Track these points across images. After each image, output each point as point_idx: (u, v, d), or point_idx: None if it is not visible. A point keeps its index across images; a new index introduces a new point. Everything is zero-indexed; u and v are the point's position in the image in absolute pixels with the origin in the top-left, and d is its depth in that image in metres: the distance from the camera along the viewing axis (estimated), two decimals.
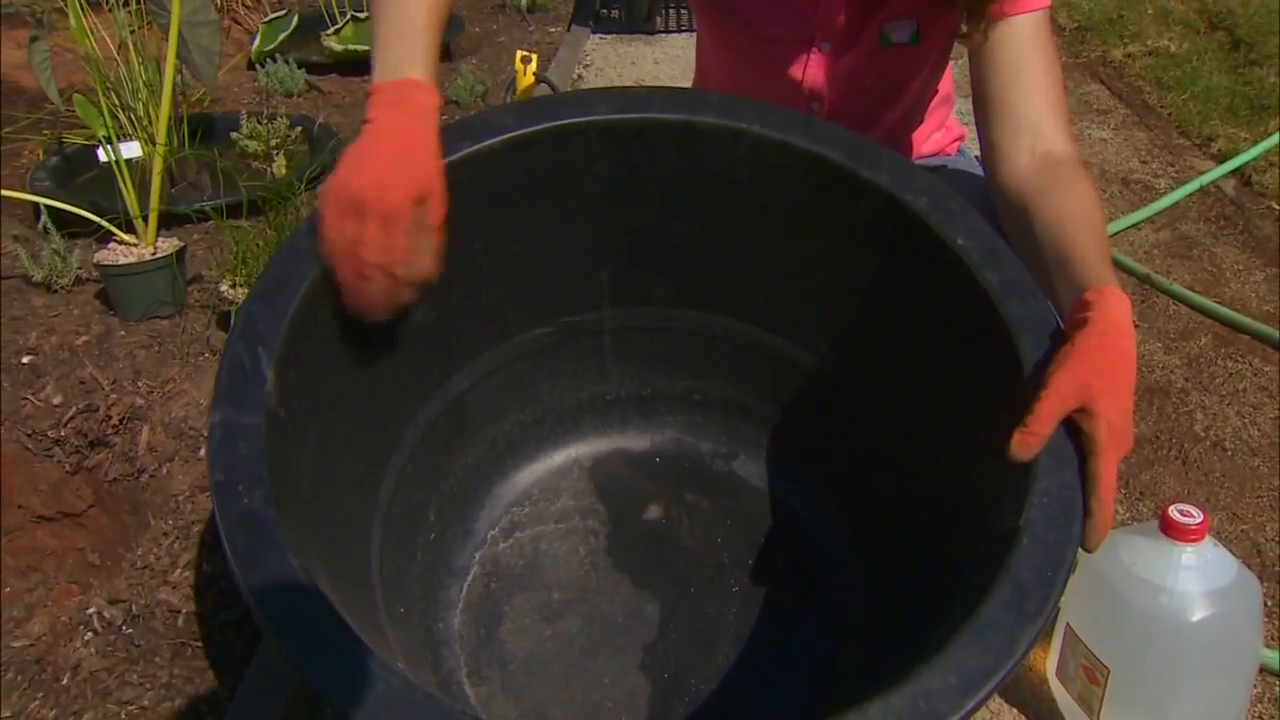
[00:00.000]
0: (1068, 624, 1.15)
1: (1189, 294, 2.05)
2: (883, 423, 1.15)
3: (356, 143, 0.87)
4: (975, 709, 0.69)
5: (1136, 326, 1.96)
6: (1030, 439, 0.81)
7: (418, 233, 0.87)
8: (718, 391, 1.29)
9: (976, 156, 1.25)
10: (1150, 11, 3.81)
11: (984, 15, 1.06)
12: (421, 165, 0.88)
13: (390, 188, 0.85)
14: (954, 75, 1.38)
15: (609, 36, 4.05)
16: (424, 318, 1.09)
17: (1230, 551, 1.09)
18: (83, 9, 2.02)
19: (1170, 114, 3.02)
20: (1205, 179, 2.54)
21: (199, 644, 1.28)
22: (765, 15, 1.20)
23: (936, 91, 1.38)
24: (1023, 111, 1.07)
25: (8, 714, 1.19)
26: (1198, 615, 1.05)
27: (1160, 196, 2.49)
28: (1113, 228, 2.35)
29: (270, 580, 0.73)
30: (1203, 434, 1.68)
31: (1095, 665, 1.11)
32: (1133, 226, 2.38)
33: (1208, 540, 1.07)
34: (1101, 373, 0.83)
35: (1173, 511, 1.06)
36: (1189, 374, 1.84)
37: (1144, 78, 3.30)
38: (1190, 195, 2.50)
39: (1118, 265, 2.19)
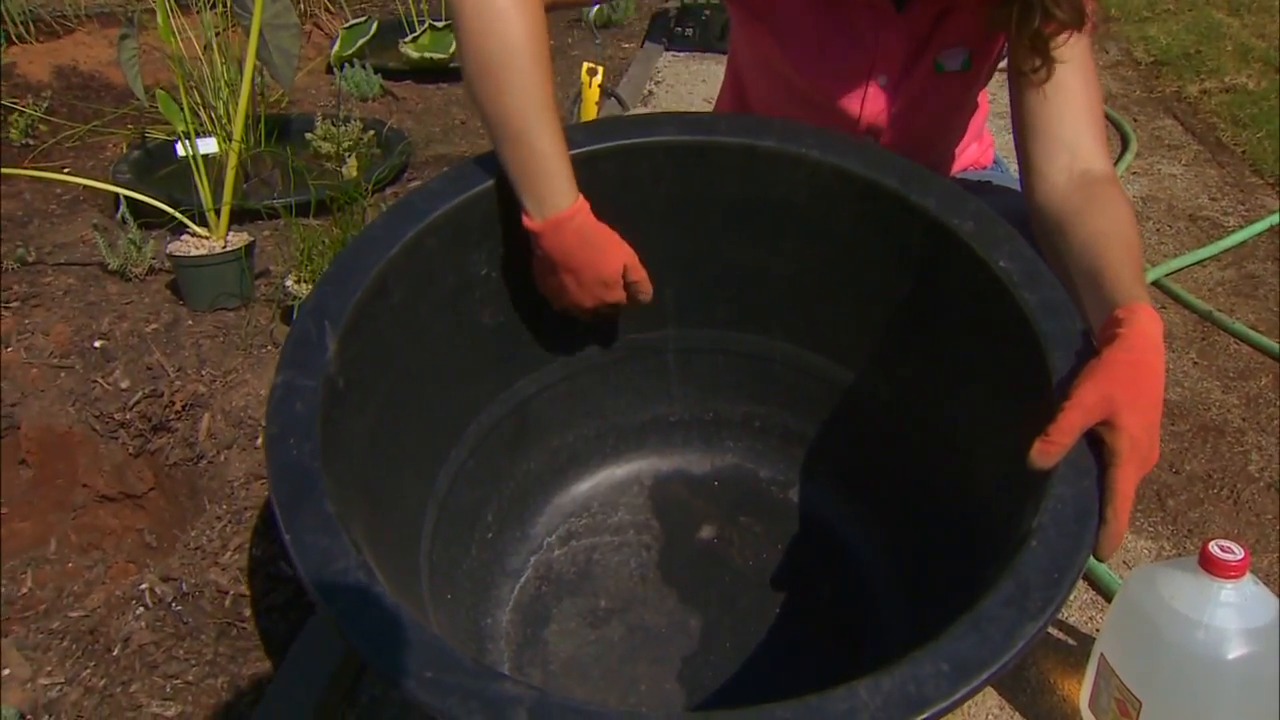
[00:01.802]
0: (1102, 655, 1.14)
1: (1251, 333, 2.02)
2: (928, 445, 1.15)
3: (551, 273, 1.08)
4: (964, 698, 0.69)
5: (1195, 364, 1.94)
6: (1051, 448, 0.83)
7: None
8: (778, 419, 1.31)
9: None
10: (1229, 48, 3.76)
11: (1046, 54, 1.06)
12: (614, 263, 1.08)
13: (612, 293, 1.10)
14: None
15: (682, 54, 4.08)
16: (491, 320, 1.13)
17: (1273, 591, 1.08)
18: (171, 10, 2.09)
19: (1244, 152, 2.98)
20: (1276, 218, 2.50)
21: (244, 624, 1.32)
22: (828, 47, 1.20)
23: (977, 108, 1.39)
24: (1061, 130, 1.07)
25: (61, 680, 1.23)
26: (1234, 652, 1.03)
27: (1228, 234, 2.45)
28: (1177, 264, 2.32)
29: (306, 523, 0.79)
30: (1257, 475, 1.66)
31: (1128, 698, 1.10)
32: (1198, 263, 2.35)
33: (1248, 577, 1.06)
34: (1127, 386, 0.84)
35: (1213, 547, 1.05)
36: (1246, 414, 1.81)
37: (1219, 114, 3.25)
38: (1259, 234, 2.46)
39: (1180, 301, 2.17)
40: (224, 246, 1.98)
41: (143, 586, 1.36)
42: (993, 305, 0.99)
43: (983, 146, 1.46)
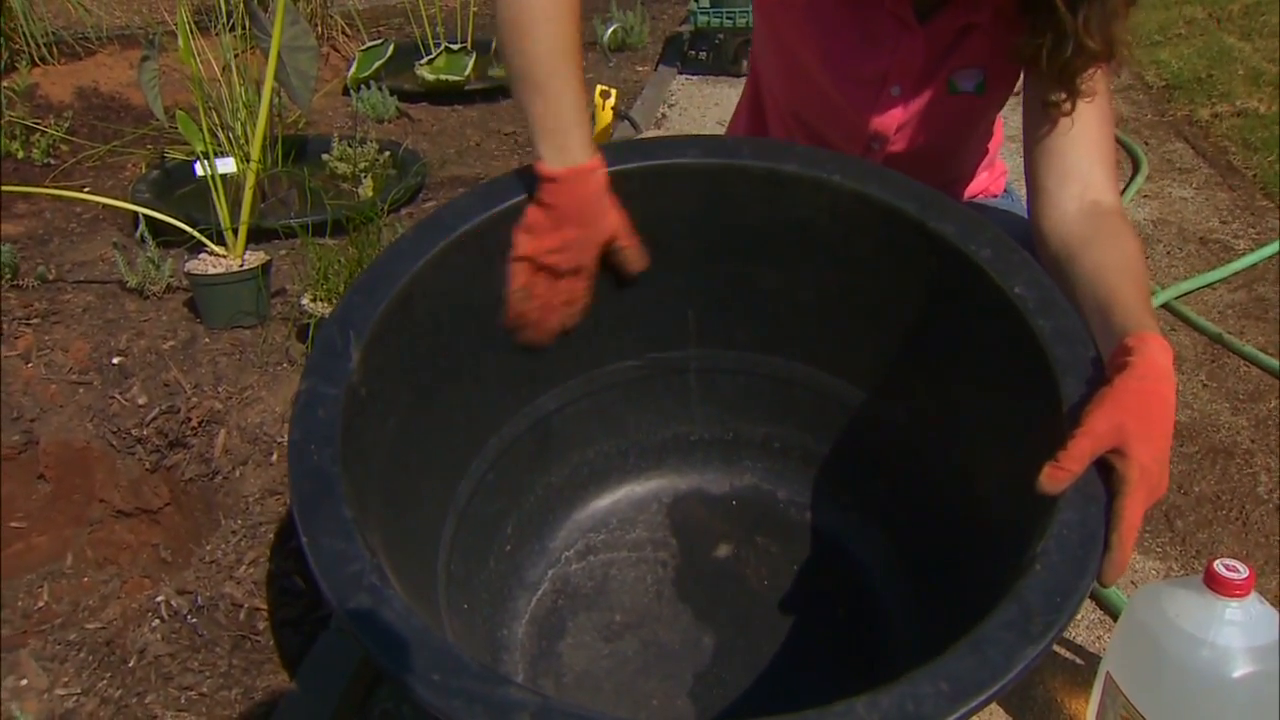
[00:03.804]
0: (1108, 673, 1.15)
1: (1261, 355, 2.02)
2: (943, 472, 1.16)
3: (542, 222, 1.05)
4: (963, 719, 0.70)
5: (1204, 386, 1.95)
6: (1060, 474, 0.83)
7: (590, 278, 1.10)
8: (797, 441, 1.31)
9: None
10: (1241, 72, 3.77)
11: (1073, 87, 1.07)
12: (607, 230, 1.07)
13: (586, 261, 1.08)
14: (1001, 114, 1.39)
15: (695, 77, 4.11)
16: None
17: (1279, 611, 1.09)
18: (191, 32, 2.12)
19: (1255, 175, 2.98)
20: None
21: (259, 637, 1.33)
22: (848, 49, 1.22)
23: (991, 134, 1.40)
24: (1074, 160, 1.09)
25: (77, 690, 1.25)
26: (1239, 671, 1.04)
27: (1239, 257, 2.46)
28: (1187, 286, 2.32)
29: (323, 526, 0.81)
30: (1266, 496, 1.66)
31: (1134, 716, 1.10)
32: (1208, 286, 2.36)
33: (1253, 596, 1.06)
34: (1138, 416, 0.84)
35: (1218, 565, 1.06)
36: (1256, 436, 1.81)
37: (1230, 138, 3.25)
38: (1270, 257, 2.46)
39: (1190, 323, 2.17)
40: (241, 265, 2.00)
41: (159, 599, 1.38)
42: (1008, 331, 1.00)
43: (994, 175, 1.47)
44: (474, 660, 0.73)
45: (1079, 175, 1.08)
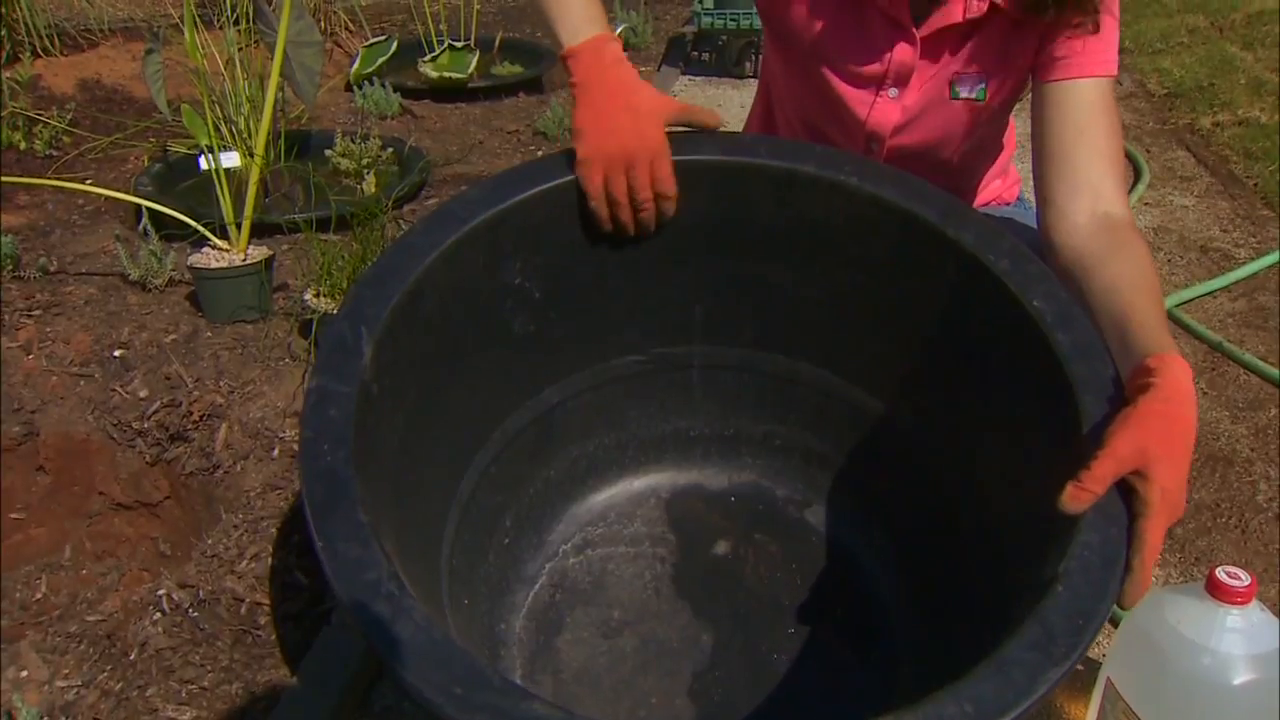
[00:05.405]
0: (1108, 679, 1.15)
1: (1261, 364, 2.03)
2: (949, 477, 1.16)
3: (583, 107, 1.08)
4: None
5: (1204, 394, 1.95)
6: (1082, 494, 0.83)
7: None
8: (798, 439, 1.31)
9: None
10: (1243, 81, 3.78)
11: (1093, 4, 1.08)
12: (650, 101, 1.08)
13: (647, 134, 1.06)
14: (1014, 123, 1.40)
15: (698, 78, 4.11)
16: (522, 329, 1.15)
17: None
18: (196, 26, 2.12)
19: (1256, 184, 2.99)
20: None
21: (260, 631, 1.33)
22: (844, 50, 1.22)
23: (1003, 147, 1.40)
24: (1085, 172, 1.08)
25: (78, 682, 1.25)
26: (1240, 678, 1.03)
27: (1239, 266, 2.46)
28: (1188, 294, 2.33)
29: (339, 531, 0.80)
30: (1265, 505, 1.67)
31: None
32: (1209, 294, 2.36)
33: (1254, 604, 1.06)
34: (1161, 439, 0.84)
35: (1219, 572, 1.06)
36: (1255, 444, 1.82)
37: (1231, 147, 3.26)
38: (1270, 267, 2.47)
39: (1190, 331, 2.18)
40: (244, 260, 2.00)
41: (160, 593, 1.38)
42: (1024, 344, 0.99)
43: (1007, 183, 1.47)
44: (497, 674, 0.72)
45: (1089, 187, 1.08)
